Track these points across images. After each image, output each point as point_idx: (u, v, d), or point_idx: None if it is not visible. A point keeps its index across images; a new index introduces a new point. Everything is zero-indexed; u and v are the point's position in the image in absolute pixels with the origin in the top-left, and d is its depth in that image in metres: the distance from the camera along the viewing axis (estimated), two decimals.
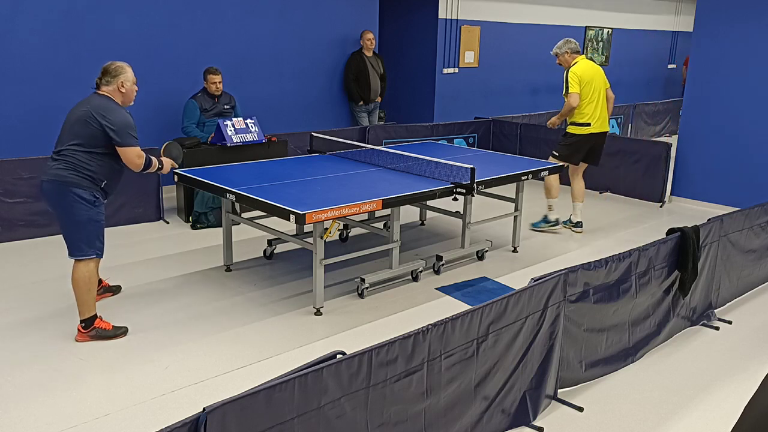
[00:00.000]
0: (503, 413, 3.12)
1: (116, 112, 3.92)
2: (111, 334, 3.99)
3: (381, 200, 4.35)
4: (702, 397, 3.53)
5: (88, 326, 3.95)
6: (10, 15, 6.12)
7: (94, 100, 3.97)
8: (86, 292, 3.93)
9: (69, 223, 3.93)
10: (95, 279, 4.00)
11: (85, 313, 3.95)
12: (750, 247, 4.81)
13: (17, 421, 3.15)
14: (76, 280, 3.92)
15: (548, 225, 6.46)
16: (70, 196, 3.87)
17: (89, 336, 3.95)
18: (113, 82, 4.01)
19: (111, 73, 4.02)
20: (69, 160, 3.87)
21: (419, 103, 10.25)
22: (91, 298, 3.97)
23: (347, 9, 8.66)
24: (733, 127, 7.26)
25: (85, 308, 3.94)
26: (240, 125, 6.41)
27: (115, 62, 4.08)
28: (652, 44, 14.32)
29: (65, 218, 3.95)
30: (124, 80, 4.02)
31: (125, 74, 4.03)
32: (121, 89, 4.03)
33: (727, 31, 7.18)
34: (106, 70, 4.04)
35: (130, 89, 4.08)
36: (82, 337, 3.95)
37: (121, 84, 4.01)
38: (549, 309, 3.21)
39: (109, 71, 4.03)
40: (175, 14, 7.16)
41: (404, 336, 2.58)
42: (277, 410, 2.20)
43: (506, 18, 10.85)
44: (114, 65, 4.05)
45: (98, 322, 3.99)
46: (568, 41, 6.20)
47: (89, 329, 3.95)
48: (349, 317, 4.40)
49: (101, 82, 4.03)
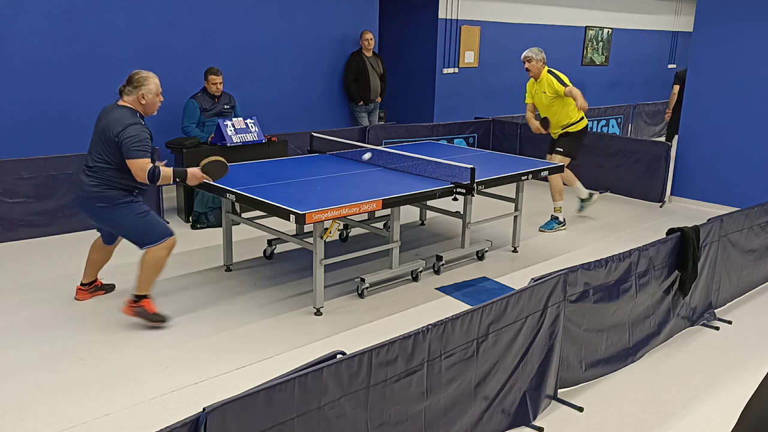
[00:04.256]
0: (503, 413, 3.12)
1: (129, 126, 3.89)
2: (150, 318, 4.09)
3: (381, 200, 4.35)
4: (702, 397, 3.54)
5: (138, 301, 4.09)
6: (10, 15, 6.12)
7: (113, 112, 3.97)
8: (150, 274, 4.07)
9: (123, 228, 4.07)
10: (163, 263, 4.10)
11: (141, 290, 4.09)
12: (750, 247, 4.81)
13: (17, 421, 3.15)
14: (147, 261, 4.05)
15: (560, 226, 6.49)
16: (108, 208, 3.99)
17: (134, 310, 4.09)
18: (134, 93, 3.99)
19: (133, 84, 4.00)
20: (100, 177, 3.96)
21: (419, 103, 10.25)
22: (152, 281, 4.09)
23: (347, 9, 8.66)
24: (733, 127, 7.26)
25: (143, 286, 4.09)
26: (240, 125, 6.41)
27: (140, 72, 4.04)
28: (652, 44, 14.31)
29: (117, 227, 4.10)
30: (145, 92, 3.99)
31: (147, 86, 3.99)
32: (141, 101, 4.00)
33: (727, 31, 7.18)
34: (129, 79, 4.02)
35: (152, 101, 4.04)
36: (128, 310, 4.09)
37: (141, 96, 3.99)
38: (549, 309, 3.21)
39: (132, 81, 4.00)
40: (175, 14, 7.16)
41: (404, 336, 2.58)
42: (277, 410, 2.20)
43: (506, 18, 10.85)
44: (138, 75, 4.02)
45: (146, 302, 4.10)
46: (541, 51, 6.32)
47: (137, 304, 4.09)
48: (349, 317, 4.40)
49: (124, 90, 4.01)
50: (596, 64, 13.01)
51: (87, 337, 4.02)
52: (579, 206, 6.91)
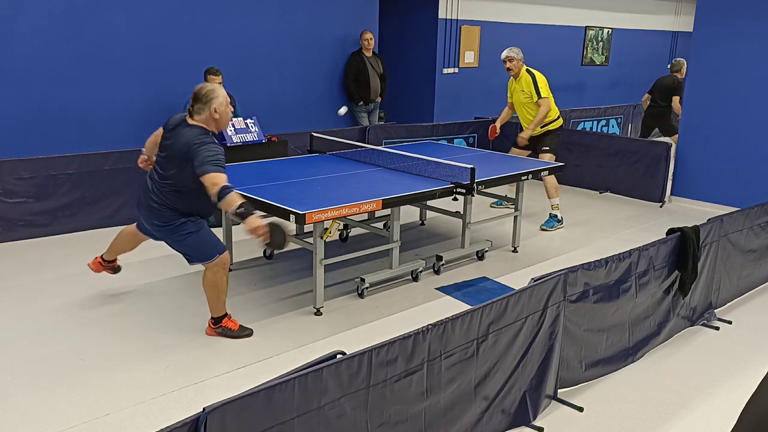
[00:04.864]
0: (503, 413, 3.12)
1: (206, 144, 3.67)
2: (237, 334, 4.06)
3: (381, 200, 4.35)
4: (702, 397, 3.53)
5: (217, 323, 4.06)
6: (10, 15, 6.12)
7: (187, 133, 3.75)
8: (215, 295, 4.00)
9: (174, 244, 3.99)
10: (225, 281, 4.01)
11: (215, 312, 4.05)
12: (750, 247, 4.81)
13: (18, 421, 3.15)
14: (207, 284, 3.99)
15: (559, 224, 6.52)
16: (169, 227, 3.90)
17: (217, 332, 4.06)
18: (205, 110, 3.79)
19: (202, 100, 3.79)
20: (165, 199, 3.84)
21: (419, 103, 10.25)
22: (221, 301, 4.03)
23: (347, 9, 8.66)
24: (733, 127, 7.26)
25: (214, 308, 4.04)
26: (240, 125, 6.41)
27: (205, 86, 3.84)
28: (652, 44, 14.31)
29: (169, 242, 4.01)
30: (217, 106, 3.79)
31: (217, 98, 3.79)
32: (215, 116, 3.81)
33: (727, 31, 7.18)
34: (196, 96, 3.81)
35: (224, 113, 3.84)
36: (211, 332, 4.07)
37: (214, 111, 3.79)
38: (549, 309, 3.21)
39: (200, 98, 3.79)
40: (175, 14, 7.15)
41: (404, 336, 2.58)
42: (277, 410, 2.20)
43: (506, 18, 10.85)
44: (204, 90, 3.81)
45: (226, 321, 4.07)
46: (520, 50, 6.51)
47: (217, 326, 4.06)
48: (349, 317, 4.40)
49: (193, 110, 3.81)
50: (596, 64, 13.01)
51: (87, 337, 4.02)
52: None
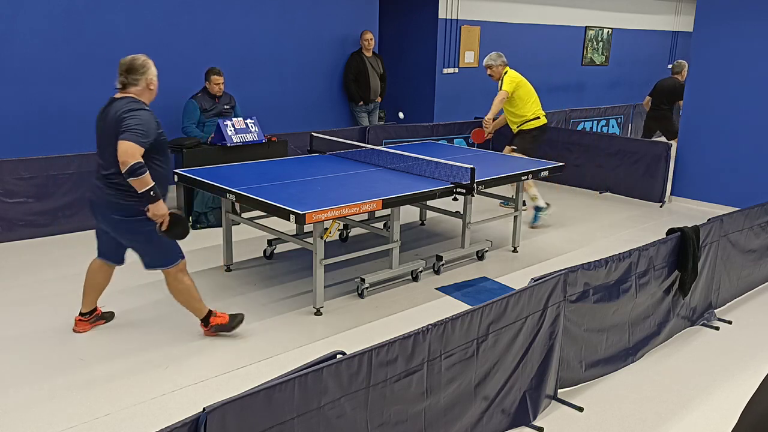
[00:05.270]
0: (503, 413, 3.12)
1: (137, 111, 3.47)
2: (230, 326, 4.00)
3: (381, 200, 4.35)
4: (702, 397, 3.53)
5: (207, 324, 3.98)
6: (10, 15, 6.12)
7: (117, 104, 3.54)
8: (190, 299, 3.90)
9: (138, 242, 3.76)
10: (190, 283, 3.88)
11: (199, 315, 3.96)
12: (750, 247, 4.81)
13: (18, 421, 3.15)
14: (176, 292, 3.87)
15: (544, 212, 6.58)
16: (132, 219, 3.64)
17: (211, 332, 4.00)
18: (141, 80, 3.58)
19: (138, 70, 3.56)
20: (121, 185, 3.56)
21: (419, 103, 10.24)
22: (197, 301, 3.92)
23: (347, 9, 8.66)
24: (733, 127, 7.26)
25: (196, 310, 3.95)
26: (240, 125, 6.41)
27: (137, 57, 3.62)
28: (652, 44, 14.30)
29: (135, 242, 3.76)
30: (152, 76, 3.62)
31: (151, 69, 3.60)
32: (150, 86, 3.63)
33: (727, 31, 7.18)
34: (131, 67, 3.56)
35: (156, 84, 3.67)
36: (208, 333, 4.01)
37: (150, 81, 3.62)
38: (549, 309, 3.21)
39: (135, 68, 3.56)
40: (176, 14, 7.15)
41: (404, 336, 2.58)
42: (277, 410, 2.20)
43: (506, 18, 10.85)
44: (139, 60, 3.59)
45: (214, 319, 3.99)
46: (500, 55, 6.61)
47: (209, 327, 3.99)
48: (349, 317, 4.40)
49: (127, 81, 3.58)
50: (596, 64, 13.01)
51: (87, 337, 4.02)
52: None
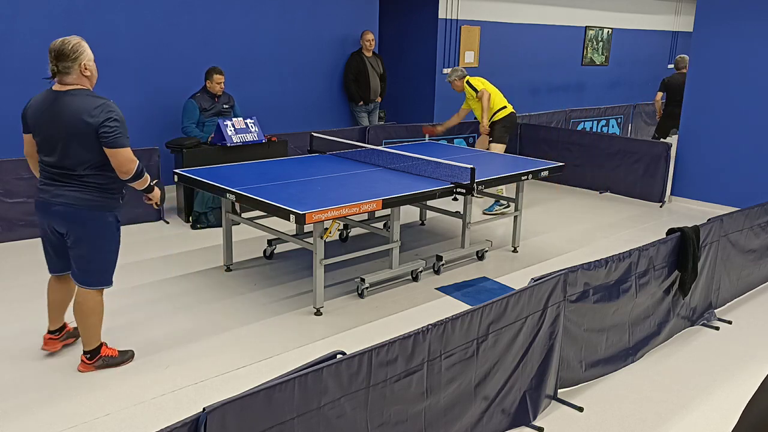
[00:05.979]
0: (503, 413, 3.12)
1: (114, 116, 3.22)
2: (119, 361, 3.62)
3: (381, 200, 4.35)
4: (702, 397, 3.53)
5: (94, 357, 3.56)
6: (10, 15, 6.12)
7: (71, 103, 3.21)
8: (97, 322, 3.52)
9: (93, 252, 3.40)
10: (102, 307, 3.55)
11: (92, 344, 3.53)
12: (750, 247, 4.81)
13: (18, 421, 3.15)
14: (89, 310, 3.47)
15: (502, 208, 6.83)
16: (98, 222, 3.36)
17: (94, 366, 3.56)
18: (74, 67, 3.19)
19: (69, 56, 3.16)
20: (88, 182, 3.31)
21: (419, 103, 10.24)
22: (99, 326, 3.55)
23: (347, 9, 8.66)
24: (733, 127, 7.25)
25: (92, 338, 3.53)
26: (240, 125, 6.41)
27: (68, 40, 3.19)
28: (652, 44, 14.30)
29: (88, 247, 3.39)
30: (86, 61, 3.22)
31: (85, 52, 3.20)
32: (85, 72, 3.23)
33: (727, 31, 7.17)
34: (61, 53, 3.15)
35: (93, 68, 3.28)
36: (86, 368, 3.55)
37: (84, 67, 3.22)
38: (549, 309, 3.21)
39: (66, 54, 3.15)
40: (175, 14, 7.15)
41: (404, 336, 2.58)
42: (277, 410, 2.20)
43: (506, 18, 10.84)
44: (70, 44, 3.17)
45: (104, 350, 3.59)
46: (456, 69, 7.16)
47: (95, 359, 3.56)
48: (349, 317, 4.40)
49: (58, 69, 3.19)
50: (596, 64, 13.01)
51: None
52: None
